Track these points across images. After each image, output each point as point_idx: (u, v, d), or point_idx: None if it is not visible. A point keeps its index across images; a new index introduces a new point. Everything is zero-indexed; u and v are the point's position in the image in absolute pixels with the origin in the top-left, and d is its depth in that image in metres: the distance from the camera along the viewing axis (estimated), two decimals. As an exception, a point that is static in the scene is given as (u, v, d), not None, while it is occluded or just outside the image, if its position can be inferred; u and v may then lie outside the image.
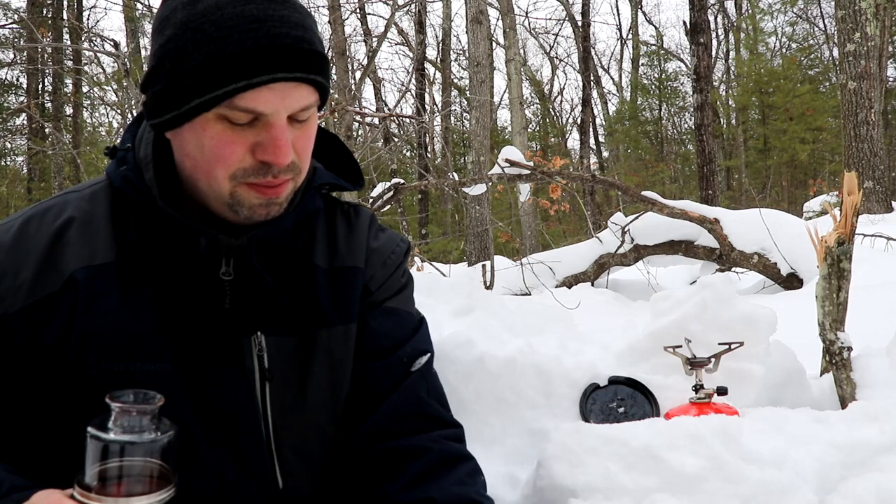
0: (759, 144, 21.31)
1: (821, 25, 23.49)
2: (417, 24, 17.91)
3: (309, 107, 0.88)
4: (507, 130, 20.29)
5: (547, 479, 1.04)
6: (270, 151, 0.85)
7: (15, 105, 16.44)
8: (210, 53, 0.81)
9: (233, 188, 0.87)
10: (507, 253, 10.63)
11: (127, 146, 0.95)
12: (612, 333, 1.59)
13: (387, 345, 1.03)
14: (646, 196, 5.50)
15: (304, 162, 0.92)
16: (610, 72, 29.99)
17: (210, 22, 0.82)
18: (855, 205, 1.60)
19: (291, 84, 0.85)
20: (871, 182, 8.41)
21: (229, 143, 0.85)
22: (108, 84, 12.70)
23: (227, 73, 0.81)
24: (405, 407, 1.01)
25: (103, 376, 0.86)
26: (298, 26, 0.85)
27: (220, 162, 0.86)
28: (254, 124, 0.85)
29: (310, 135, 0.92)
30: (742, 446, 1.06)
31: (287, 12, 0.85)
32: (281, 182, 0.89)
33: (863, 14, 8.26)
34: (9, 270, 0.87)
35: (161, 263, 0.91)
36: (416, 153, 17.87)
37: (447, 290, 1.66)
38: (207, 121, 0.85)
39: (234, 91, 0.82)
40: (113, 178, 0.93)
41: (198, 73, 0.82)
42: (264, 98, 0.83)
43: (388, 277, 1.07)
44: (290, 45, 0.83)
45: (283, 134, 0.85)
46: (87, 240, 0.90)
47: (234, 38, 0.81)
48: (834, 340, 1.58)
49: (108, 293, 0.88)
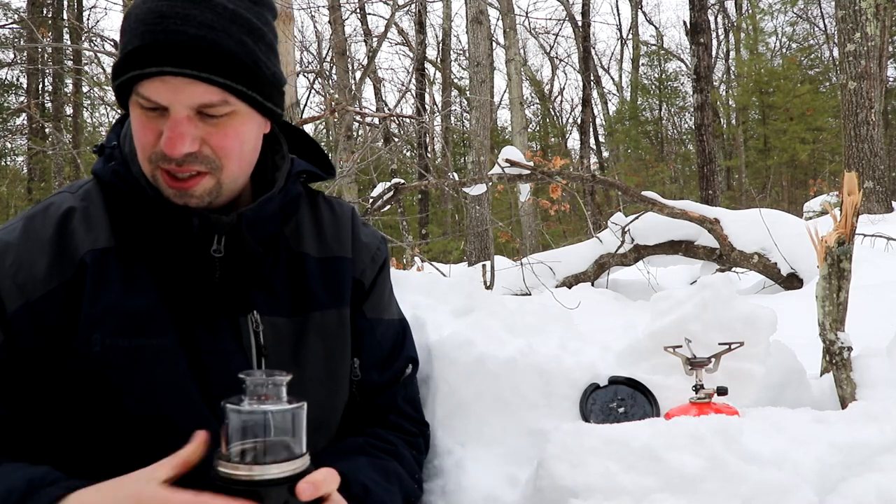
0: (759, 144, 21.31)
1: (821, 25, 23.50)
2: (417, 24, 17.90)
3: (212, 104, 0.91)
4: (508, 130, 20.30)
5: (547, 480, 1.04)
6: (164, 140, 0.91)
7: (15, 105, 16.44)
8: (126, 44, 0.91)
9: (152, 171, 0.95)
10: (507, 253, 10.63)
11: (113, 143, 1.03)
12: (612, 333, 1.59)
13: (384, 356, 1.16)
14: (646, 196, 5.50)
15: (224, 159, 0.95)
16: (610, 72, 30.01)
17: (133, 16, 0.91)
18: (855, 205, 1.60)
19: (185, 80, 0.89)
20: (871, 182, 8.41)
21: (143, 127, 0.93)
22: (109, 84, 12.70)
23: (130, 63, 0.89)
24: (386, 408, 1.15)
25: (108, 352, 0.91)
26: (205, 26, 0.89)
27: (139, 143, 0.95)
28: (162, 114, 0.91)
29: (229, 134, 0.94)
30: (742, 446, 1.06)
31: (196, 12, 0.89)
32: (188, 172, 0.93)
33: (863, 14, 8.25)
34: (24, 263, 0.93)
35: (156, 246, 0.98)
36: (416, 153, 17.87)
37: (447, 290, 1.66)
38: (134, 105, 0.93)
39: (133, 79, 0.90)
40: (102, 174, 1.00)
41: (119, 60, 0.91)
42: (157, 89, 0.90)
43: (377, 275, 1.17)
44: (183, 43, 0.88)
45: (179, 126, 0.90)
46: (89, 227, 0.96)
47: (140, 30, 0.89)
48: (834, 340, 1.58)
49: (110, 275, 0.94)
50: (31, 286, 0.92)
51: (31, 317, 0.91)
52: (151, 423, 0.92)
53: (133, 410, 0.92)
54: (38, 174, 17.14)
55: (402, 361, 1.19)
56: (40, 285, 0.92)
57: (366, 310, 1.15)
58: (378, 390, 1.16)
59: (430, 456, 1.28)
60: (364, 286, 1.14)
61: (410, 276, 1.73)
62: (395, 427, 1.16)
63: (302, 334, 1.04)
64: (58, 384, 0.93)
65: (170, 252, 0.98)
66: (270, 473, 0.72)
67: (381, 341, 1.16)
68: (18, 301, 0.91)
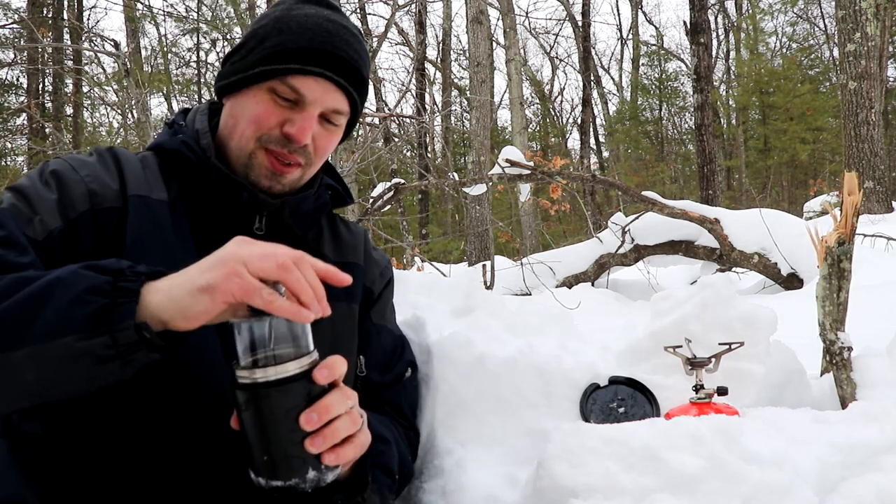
0: (759, 144, 21.31)
1: (821, 25, 23.50)
2: (417, 24, 17.89)
3: (340, 112, 1.09)
4: (508, 130, 20.30)
5: (547, 480, 1.04)
6: (296, 126, 1.05)
7: (15, 105, 16.43)
8: (286, 40, 1.04)
9: (255, 149, 1.06)
10: (508, 253, 10.63)
11: (181, 123, 1.15)
12: (612, 333, 1.59)
13: (385, 360, 1.25)
14: (646, 196, 5.50)
15: (317, 157, 1.11)
16: (610, 72, 30.02)
17: (296, 22, 1.06)
18: (855, 205, 1.60)
19: (334, 86, 1.06)
20: (871, 182, 8.41)
21: (268, 112, 1.05)
22: (109, 84, 12.70)
23: (291, 56, 1.04)
24: (384, 403, 1.23)
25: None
26: (357, 53, 1.09)
27: (254, 123, 1.05)
28: (293, 106, 1.05)
29: (332, 140, 1.12)
30: (742, 446, 1.06)
31: (352, 40, 1.09)
32: (292, 161, 1.07)
33: (863, 14, 8.26)
34: (97, 177, 1.03)
35: (202, 216, 1.07)
36: (416, 153, 17.86)
37: (447, 290, 1.66)
38: (261, 90, 1.05)
39: (290, 70, 1.03)
40: (168, 144, 1.11)
41: (272, 49, 1.05)
42: (310, 85, 1.05)
43: (384, 288, 1.28)
44: (344, 58, 1.06)
45: (311, 120, 1.06)
46: (144, 178, 1.06)
47: (308, 36, 1.05)
48: (834, 340, 1.58)
49: (162, 223, 1.03)
50: (100, 196, 1.00)
51: (95, 223, 0.99)
52: (177, 370, 0.96)
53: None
54: (38, 174, 17.10)
55: (402, 366, 1.28)
56: (107, 200, 1.01)
57: (372, 315, 1.24)
58: (378, 389, 1.22)
59: (430, 456, 1.28)
60: (373, 294, 1.25)
61: (410, 276, 1.73)
62: (389, 418, 1.22)
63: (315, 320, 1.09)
64: None
65: (215, 222, 1.07)
66: (289, 371, 0.78)
67: (385, 346, 1.25)
68: (86, 205, 0.99)
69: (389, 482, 1.11)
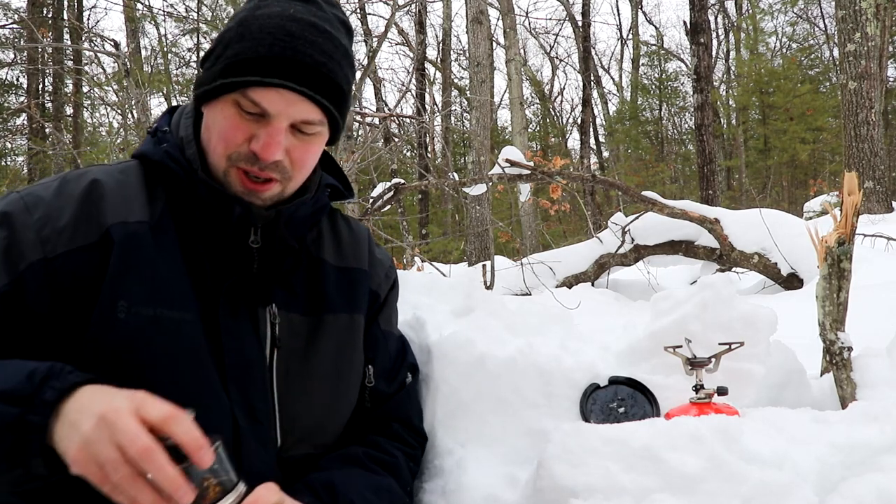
0: (759, 144, 21.32)
1: (821, 25, 23.50)
2: (418, 24, 17.90)
3: (311, 122, 1.01)
4: (508, 130, 20.30)
5: (547, 480, 1.04)
6: (261, 144, 0.97)
7: (15, 105, 16.43)
8: (245, 48, 0.97)
9: (227, 167, 1.01)
10: (508, 253, 10.63)
11: (165, 129, 1.08)
12: (612, 333, 1.59)
13: (390, 366, 1.22)
14: (646, 196, 5.50)
15: (297, 171, 1.04)
16: (610, 72, 30.02)
17: (258, 25, 0.98)
18: (855, 205, 1.60)
19: (299, 96, 0.98)
20: (871, 182, 8.41)
21: (234, 127, 0.99)
22: (109, 84, 12.70)
23: (249, 67, 0.96)
24: (390, 416, 1.20)
25: (132, 320, 0.94)
26: (325, 54, 0.99)
27: (222, 140, 1.00)
28: (259, 119, 0.98)
29: (310, 150, 1.04)
30: (742, 446, 1.06)
31: (321, 40, 0.99)
32: (266, 178, 1.01)
33: (863, 14, 8.26)
34: (51, 218, 0.95)
35: (193, 227, 1.02)
36: (416, 153, 17.86)
37: (447, 290, 1.65)
38: (227, 102, 0.99)
39: (248, 83, 0.96)
40: (152, 154, 1.04)
41: (231, 59, 0.97)
42: (271, 98, 0.97)
43: (390, 290, 1.25)
44: (308, 64, 0.97)
45: (278, 135, 0.98)
46: (122, 200, 0.99)
47: (268, 42, 0.96)
48: (834, 340, 1.58)
49: (143, 246, 0.97)
50: (52, 243, 0.93)
51: (47, 273, 0.92)
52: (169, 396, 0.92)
53: (153, 380, 0.92)
54: (39, 174, 17.10)
55: (404, 371, 1.26)
56: (62, 244, 0.94)
57: (381, 321, 1.22)
58: (384, 399, 1.20)
59: (430, 456, 1.28)
60: (380, 298, 1.22)
61: (410, 276, 1.73)
62: (398, 437, 1.18)
63: (315, 333, 1.09)
64: (68, 354, 0.93)
65: (207, 236, 1.02)
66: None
67: (391, 353, 1.23)
68: (37, 254, 0.92)
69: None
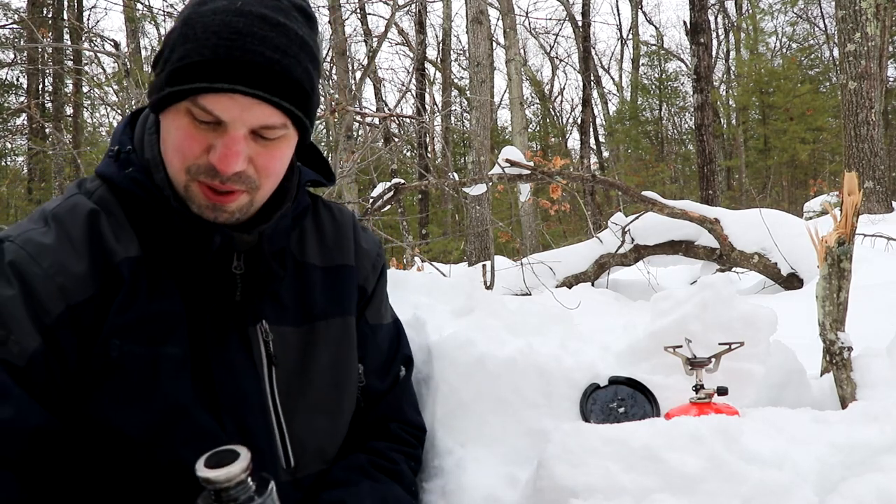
0: (759, 144, 21.31)
1: (821, 25, 23.49)
2: (418, 24, 17.89)
3: (272, 126, 0.91)
4: (508, 130, 20.29)
5: (547, 480, 1.04)
6: (217, 156, 0.89)
7: (15, 105, 16.42)
8: (189, 51, 0.87)
9: (187, 182, 0.92)
10: (508, 253, 10.62)
11: (128, 148, 0.98)
12: (612, 333, 1.59)
13: (383, 359, 1.19)
14: (646, 196, 5.50)
15: (265, 179, 0.95)
16: (610, 72, 30.01)
17: (201, 24, 0.87)
18: (855, 205, 1.60)
19: (254, 100, 0.88)
20: (871, 182, 8.41)
21: (189, 137, 0.90)
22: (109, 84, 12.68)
23: (196, 73, 0.86)
24: (387, 416, 1.17)
25: (124, 359, 0.90)
26: (279, 50, 0.88)
27: (178, 153, 0.91)
28: (215, 128, 0.89)
29: (276, 156, 0.94)
30: (742, 446, 1.06)
31: (273, 35, 0.88)
32: (230, 190, 0.92)
33: (863, 14, 8.25)
34: (63, 265, 0.90)
35: (179, 258, 0.96)
36: (416, 153, 17.85)
37: (447, 290, 1.66)
38: (178, 111, 0.89)
39: (197, 90, 0.86)
40: (119, 181, 0.96)
41: (176, 65, 0.88)
42: (223, 105, 0.87)
43: (377, 281, 1.19)
44: (259, 64, 0.86)
45: (236, 144, 0.89)
46: (117, 233, 0.94)
47: (212, 42, 0.86)
48: (834, 340, 1.58)
49: (141, 284, 0.93)
50: (71, 289, 0.89)
51: (73, 320, 0.88)
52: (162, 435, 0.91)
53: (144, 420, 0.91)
54: (39, 174, 17.13)
55: (397, 365, 1.22)
56: (80, 290, 0.89)
57: (368, 316, 1.17)
58: (379, 396, 1.18)
59: (430, 456, 1.28)
60: (367, 293, 1.17)
61: (410, 276, 1.73)
62: (397, 439, 1.17)
63: (309, 344, 1.05)
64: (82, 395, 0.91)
65: (191, 265, 0.97)
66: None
67: (381, 345, 1.19)
68: (61, 304, 0.88)
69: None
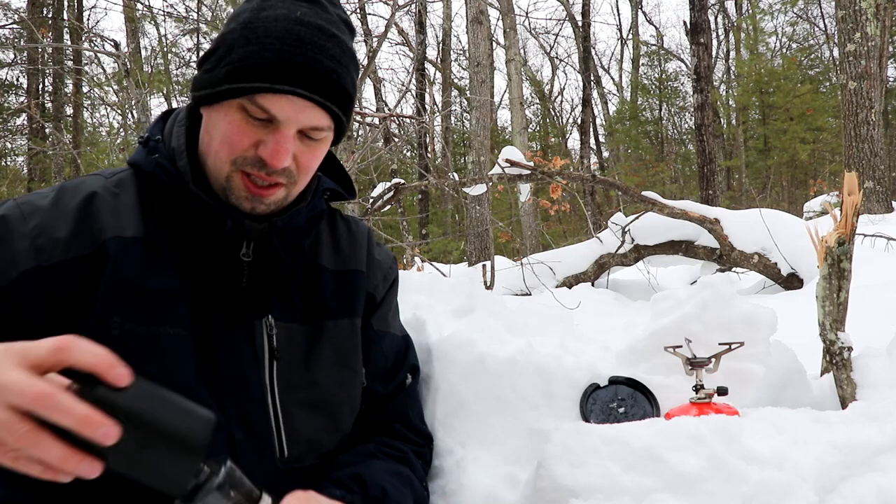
0: (759, 144, 21.33)
1: (821, 25, 23.51)
2: (417, 24, 17.89)
3: (320, 128, 0.99)
4: (508, 130, 20.30)
5: (547, 480, 1.04)
6: (269, 151, 0.96)
7: (15, 105, 16.43)
8: (252, 53, 0.94)
9: (230, 172, 0.99)
10: (508, 253, 10.63)
11: (157, 138, 1.06)
12: (612, 333, 1.59)
13: (388, 367, 1.20)
14: (646, 196, 5.50)
15: (302, 176, 1.03)
16: (610, 72, 30.03)
17: (264, 28, 0.95)
18: (855, 205, 1.60)
19: (309, 103, 0.96)
20: (871, 182, 8.41)
21: (240, 132, 0.96)
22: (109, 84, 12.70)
23: (258, 73, 0.93)
24: (392, 418, 1.18)
25: (126, 337, 0.93)
26: (334, 60, 0.98)
27: (227, 145, 0.97)
28: (266, 125, 0.96)
29: (316, 155, 1.03)
30: (742, 446, 1.06)
31: (330, 45, 0.97)
32: (272, 183, 0.99)
33: (863, 14, 8.26)
34: (47, 227, 0.95)
35: (187, 241, 1.01)
36: (416, 153, 17.86)
37: (447, 290, 1.65)
38: (231, 107, 0.96)
39: (257, 89, 0.94)
40: (144, 165, 1.03)
41: (237, 64, 0.94)
42: (280, 105, 0.95)
43: (388, 292, 1.23)
44: (318, 71, 0.95)
45: (287, 142, 0.97)
46: (116, 214, 0.98)
47: (276, 47, 0.94)
48: (834, 340, 1.58)
49: (136, 263, 0.96)
50: (48, 252, 0.93)
51: (40, 282, 0.92)
52: None
53: None
54: (38, 174, 17.11)
55: (403, 372, 1.23)
56: (57, 253, 0.93)
57: (373, 322, 1.19)
58: (383, 401, 1.18)
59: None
60: (375, 300, 1.20)
61: (410, 276, 1.73)
62: (402, 437, 1.18)
63: (315, 342, 1.07)
64: None
65: (199, 249, 1.01)
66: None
67: (387, 353, 1.20)
68: (31, 263, 0.92)
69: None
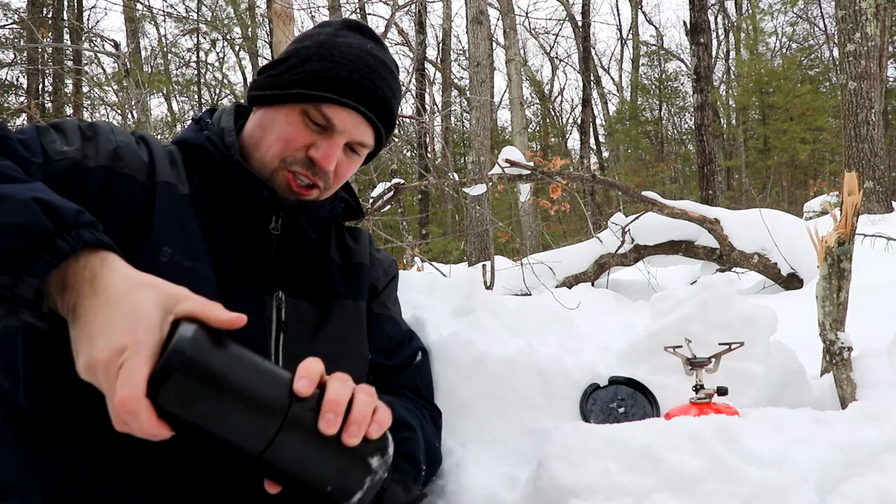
0: (759, 144, 21.33)
1: (821, 25, 23.51)
2: (417, 24, 17.89)
3: (364, 145, 1.13)
4: (508, 130, 20.31)
5: (547, 480, 1.04)
6: (321, 153, 1.08)
7: (15, 105, 16.42)
8: (326, 67, 1.08)
9: (278, 167, 1.09)
10: (508, 253, 10.64)
11: (207, 120, 1.17)
12: (612, 333, 1.59)
13: (391, 347, 1.26)
14: (646, 196, 5.50)
15: (335, 183, 1.15)
16: (610, 72, 30.04)
17: (339, 51, 1.09)
18: (855, 205, 1.60)
19: (364, 120, 1.10)
20: (871, 182, 8.42)
21: (297, 134, 1.08)
22: (109, 84, 12.71)
23: (330, 84, 1.07)
24: (404, 386, 1.25)
25: (172, 267, 0.98)
26: (391, 90, 1.13)
27: (282, 142, 1.08)
28: (321, 131, 1.09)
29: (351, 168, 1.16)
30: (742, 446, 1.06)
31: (390, 79, 1.13)
32: (312, 183, 1.10)
33: (863, 14, 8.26)
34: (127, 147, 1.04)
35: (217, 211, 1.09)
36: (416, 153, 17.85)
37: (447, 290, 1.65)
38: (294, 110, 1.08)
39: (325, 99, 1.07)
40: (193, 139, 1.13)
41: (311, 74, 1.07)
42: (342, 116, 1.08)
43: (387, 284, 1.31)
44: (379, 95, 1.10)
45: (338, 149, 1.09)
46: (172, 169, 1.08)
47: (349, 67, 1.08)
48: (834, 340, 1.58)
49: (185, 211, 1.05)
50: (124, 162, 1.01)
51: (108, 183, 0.98)
52: None
53: None
54: (38, 174, 17.09)
55: (410, 350, 1.28)
56: (129, 168, 1.01)
57: (373, 306, 1.26)
58: (390, 372, 1.23)
59: (430, 456, 1.28)
60: (377, 290, 1.28)
61: (410, 276, 1.73)
62: (411, 401, 1.22)
63: (323, 319, 1.14)
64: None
65: (230, 219, 1.09)
66: None
67: (388, 334, 1.26)
68: (108, 162, 0.99)
69: (414, 472, 1.10)
